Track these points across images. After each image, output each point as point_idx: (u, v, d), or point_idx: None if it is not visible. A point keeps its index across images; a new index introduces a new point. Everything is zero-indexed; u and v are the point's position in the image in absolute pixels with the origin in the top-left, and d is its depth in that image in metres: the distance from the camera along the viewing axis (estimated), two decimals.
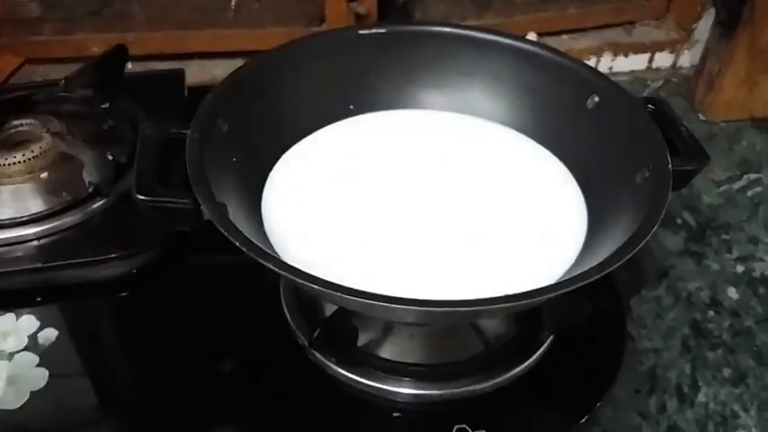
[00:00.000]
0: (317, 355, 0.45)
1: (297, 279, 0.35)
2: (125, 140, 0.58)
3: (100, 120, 0.61)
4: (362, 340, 0.45)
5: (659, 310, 0.60)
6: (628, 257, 0.36)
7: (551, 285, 0.35)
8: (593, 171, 0.47)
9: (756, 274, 0.64)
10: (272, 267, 0.35)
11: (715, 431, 0.51)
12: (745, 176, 0.75)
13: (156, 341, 0.48)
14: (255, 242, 0.37)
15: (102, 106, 0.63)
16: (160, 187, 0.40)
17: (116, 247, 0.50)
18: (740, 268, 0.64)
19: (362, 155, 0.50)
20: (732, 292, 0.62)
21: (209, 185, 0.39)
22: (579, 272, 0.36)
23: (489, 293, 0.34)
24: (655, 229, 0.37)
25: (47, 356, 0.46)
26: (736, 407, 0.53)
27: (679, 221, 0.69)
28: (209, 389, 0.45)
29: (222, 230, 0.36)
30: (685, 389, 0.54)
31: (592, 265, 0.36)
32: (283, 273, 0.35)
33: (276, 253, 0.41)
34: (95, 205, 0.54)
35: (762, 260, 0.65)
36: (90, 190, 0.54)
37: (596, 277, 0.35)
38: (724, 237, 0.68)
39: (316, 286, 0.34)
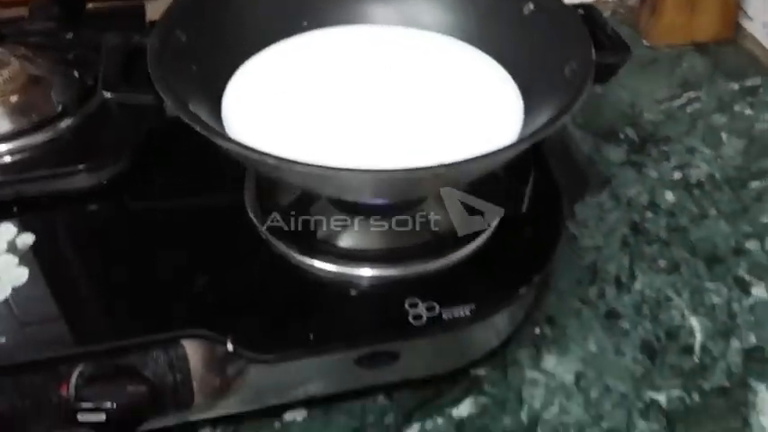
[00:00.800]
0: (281, 246, 0.48)
1: (254, 156, 0.38)
2: (90, 66, 0.60)
3: (65, 50, 0.64)
4: (324, 232, 0.49)
5: (601, 213, 0.65)
6: (547, 131, 0.40)
7: (476, 156, 0.39)
8: (530, 71, 0.51)
9: (693, 180, 0.68)
10: (231, 147, 0.39)
11: (650, 313, 0.56)
12: (685, 95, 0.79)
13: (128, 246, 0.51)
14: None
15: (67, 36, 0.65)
16: (124, 84, 0.44)
17: (84, 160, 0.53)
18: (677, 175, 0.69)
19: (314, 67, 0.53)
20: (669, 196, 0.66)
21: (170, 82, 0.42)
22: None
23: None
24: (574, 108, 0.41)
25: (26, 258, 0.49)
26: (670, 292, 0.57)
27: (622, 136, 0.74)
28: (180, 291, 0.48)
29: (184, 118, 0.40)
30: (623, 279, 0.58)
31: None
32: (241, 150, 0.38)
33: None
34: (64, 124, 0.56)
35: (698, 167, 0.70)
36: (59, 109, 0.56)
37: (514, 151, 0.40)
38: (663, 148, 0.72)
39: (270, 161, 0.38)
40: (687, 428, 0.49)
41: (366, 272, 0.47)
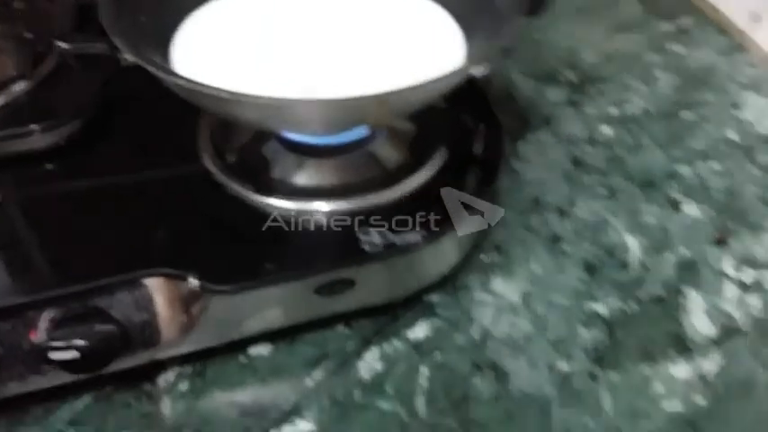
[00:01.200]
0: (237, 187, 0.51)
1: (207, 91, 0.41)
2: (42, 31, 0.61)
3: (16, 18, 0.65)
4: (278, 173, 0.51)
5: (542, 149, 0.68)
6: (482, 59, 0.43)
7: (418, 84, 0.41)
8: (468, 10, 0.54)
9: (628, 114, 0.72)
10: (185, 85, 0.41)
11: (591, 235, 0.59)
12: (621, 36, 0.83)
13: (89, 197, 0.53)
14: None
15: (16, 6, 0.66)
16: (78, 35, 0.45)
17: (39, 121, 0.55)
18: (614, 111, 0.72)
19: (259, 14, 0.55)
20: (606, 130, 0.70)
21: (121, 28, 0.44)
22: None
23: None
24: (507, 36, 0.44)
25: None
26: (608, 216, 0.61)
27: (561, 79, 0.77)
28: (141, 236, 0.50)
29: (137, 60, 0.42)
30: (564, 207, 0.62)
31: None
32: (194, 87, 0.41)
33: None
34: (17, 87, 0.58)
35: (632, 102, 0.73)
36: (13, 74, 0.58)
37: (455, 78, 0.43)
38: (600, 87, 0.75)
39: (223, 95, 0.40)
40: (626, 333, 0.52)
41: (320, 206, 0.50)
